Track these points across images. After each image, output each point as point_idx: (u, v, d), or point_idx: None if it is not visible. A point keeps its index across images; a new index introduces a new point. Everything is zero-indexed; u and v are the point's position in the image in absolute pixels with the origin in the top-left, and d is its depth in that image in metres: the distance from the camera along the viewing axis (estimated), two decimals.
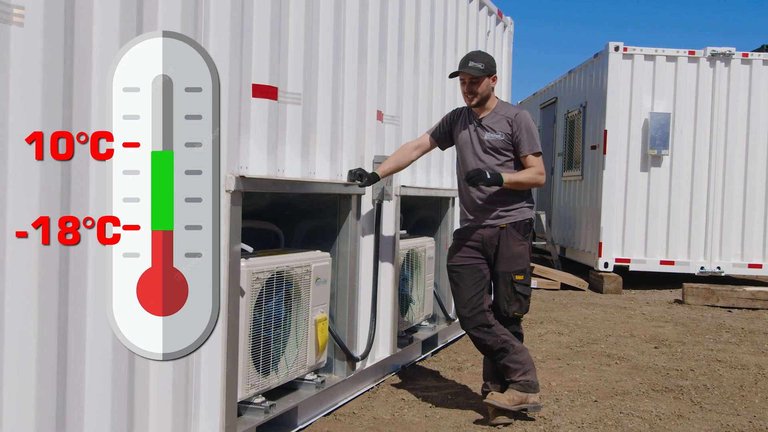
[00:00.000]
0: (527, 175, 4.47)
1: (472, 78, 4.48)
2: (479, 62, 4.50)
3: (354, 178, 4.55)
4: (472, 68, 4.47)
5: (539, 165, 4.51)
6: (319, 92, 4.35)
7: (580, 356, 6.40)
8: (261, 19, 3.74)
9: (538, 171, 4.49)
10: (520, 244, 4.51)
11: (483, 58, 4.57)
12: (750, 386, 5.50)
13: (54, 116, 2.59)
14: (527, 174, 4.47)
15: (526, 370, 4.45)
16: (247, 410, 3.80)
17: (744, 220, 10.78)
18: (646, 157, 10.78)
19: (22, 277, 2.52)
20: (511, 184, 4.42)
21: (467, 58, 4.56)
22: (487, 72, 4.50)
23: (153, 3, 3.08)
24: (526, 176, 4.47)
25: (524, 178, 4.46)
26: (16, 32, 2.47)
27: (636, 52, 10.76)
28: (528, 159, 4.49)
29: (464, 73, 4.50)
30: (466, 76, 4.50)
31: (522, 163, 4.51)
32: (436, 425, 4.41)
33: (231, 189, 3.41)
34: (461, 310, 4.52)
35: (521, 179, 4.45)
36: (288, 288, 4.03)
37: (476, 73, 4.45)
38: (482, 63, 4.50)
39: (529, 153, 4.48)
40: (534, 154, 4.49)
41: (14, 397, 2.50)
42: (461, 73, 4.52)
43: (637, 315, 8.79)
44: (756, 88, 10.73)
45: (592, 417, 4.63)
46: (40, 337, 2.54)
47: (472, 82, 4.49)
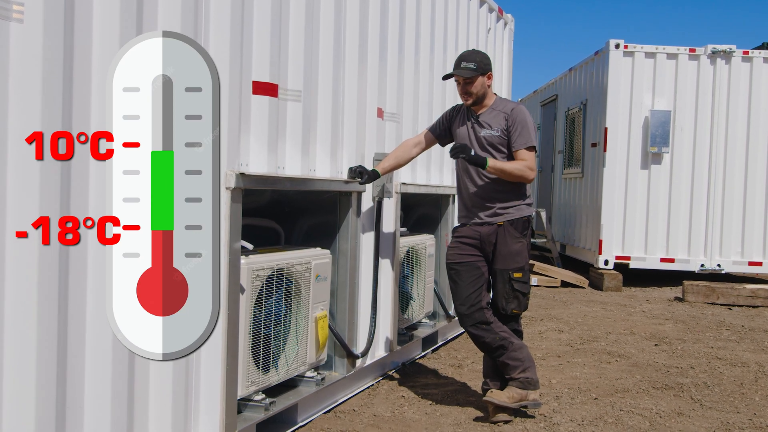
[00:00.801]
0: (514, 166, 4.41)
1: (466, 79, 4.47)
2: (471, 62, 4.47)
3: (354, 176, 4.54)
4: (464, 69, 4.46)
5: (530, 160, 4.46)
6: (319, 89, 4.34)
7: (581, 354, 6.40)
8: (261, 16, 3.73)
9: (528, 165, 4.43)
10: (518, 242, 4.50)
11: (476, 57, 4.53)
12: (750, 384, 5.51)
13: (54, 116, 2.58)
14: (515, 165, 4.42)
15: (525, 367, 4.46)
16: (247, 407, 3.80)
17: (744, 217, 10.77)
18: (646, 155, 10.77)
19: (22, 276, 2.52)
20: (495, 170, 4.38)
21: (460, 58, 4.54)
22: (480, 71, 4.48)
23: (153, 0, 3.07)
24: (512, 166, 4.41)
25: (510, 168, 4.40)
26: (15, 29, 2.46)
27: (636, 49, 10.74)
28: (519, 153, 4.45)
29: (458, 75, 4.49)
30: (460, 77, 4.50)
31: (514, 157, 4.49)
32: (437, 422, 4.42)
33: (231, 186, 3.40)
34: (460, 308, 4.52)
35: (506, 168, 4.39)
36: (288, 285, 4.03)
37: (468, 74, 4.44)
38: (474, 63, 4.47)
39: (521, 147, 4.45)
40: (526, 148, 4.45)
41: (14, 396, 2.50)
42: (455, 75, 4.51)
43: (637, 312, 8.79)
44: (756, 85, 10.72)
45: (593, 414, 4.64)
46: (40, 337, 2.54)
47: (466, 83, 4.48)
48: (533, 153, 4.49)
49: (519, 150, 4.45)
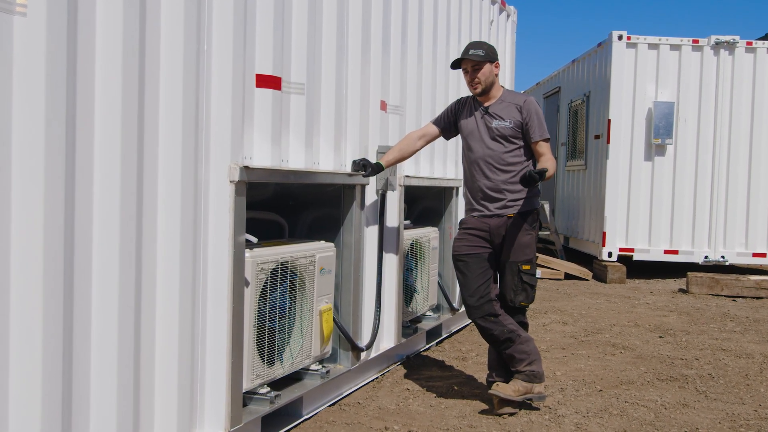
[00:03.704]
0: (552, 164, 4.41)
1: (474, 66, 4.47)
2: (479, 49, 4.50)
3: (358, 168, 4.53)
4: (473, 55, 4.46)
5: (550, 151, 4.50)
6: (322, 82, 4.33)
7: (585, 346, 6.40)
8: (264, 9, 3.72)
9: (552, 160, 4.46)
10: (527, 234, 4.50)
11: (483, 45, 4.57)
12: (755, 375, 5.50)
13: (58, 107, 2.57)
14: (551, 163, 4.41)
15: (531, 360, 4.45)
16: (252, 400, 3.81)
17: (748, 209, 10.75)
18: (649, 147, 10.74)
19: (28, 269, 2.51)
20: (550, 175, 4.35)
21: (468, 47, 4.56)
22: (489, 58, 4.49)
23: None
24: (552, 166, 4.39)
25: (552, 169, 4.36)
26: (19, 23, 2.46)
27: (639, 41, 10.71)
28: (539, 145, 4.48)
29: (466, 61, 4.49)
30: (468, 64, 4.49)
31: (532, 149, 4.50)
32: (441, 415, 4.42)
33: (235, 179, 3.40)
34: (468, 299, 4.51)
35: (551, 171, 4.35)
36: (292, 278, 4.02)
37: (477, 59, 4.45)
38: (482, 50, 4.49)
39: (540, 139, 4.48)
40: (544, 140, 4.49)
41: (21, 389, 2.50)
42: (463, 62, 4.51)
43: (641, 304, 8.78)
44: (760, 76, 10.69)
45: (597, 406, 4.63)
46: (45, 330, 2.53)
47: (474, 69, 4.48)
48: (549, 144, 4.52)
49: (538, 142, 4.47)
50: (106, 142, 2.79)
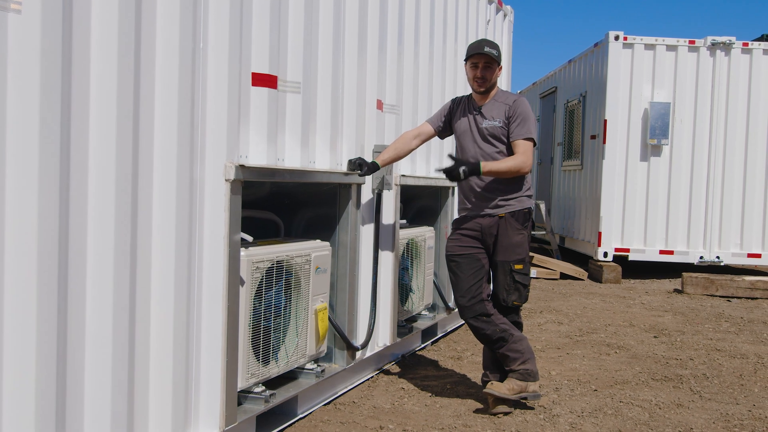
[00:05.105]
0: (507, 165, 4.39)
1: (487, 61, 4.46)
2: (494, 49, 4.50)
3: (354, 168, 4.53)
4: (488, 52, 4.46)
5: (526, 151, 4.43)
6: (318, 81, 4.33)
7: (580, 345, 6.41)
8: (260, 7, 3.71)
9: (522, 159, 4.40)
10: (519, 234, 4.50)
11: (496, 46, 4.57)
12: (749, 375, 5.51)
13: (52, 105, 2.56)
14: (508, 163, 4.39)
15: (525, 359, 4.46)
16: (247, 399, 3.80)
17: (743, 209, 10.78)
18: (645, 147, 10.76)
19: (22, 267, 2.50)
20: (491, 173, 4.37)
21: (481, 43, 4.52)
22: (499, 60, 4.52)
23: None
24: (505, 166, 4.39)
25: (504, 167, 4.38)
26: (13, 20, 2.45)
27: (636, 41, 10.72)
28: (516, 144, 4.45)
29: (479, 56, 4.47)
30: (481, 60, 4.48)
31: (511, 147, 4.48)
32: (436, 414, 4.42)
33: (231, 178, 3.39)
34: (460, 300, 4.52)
35: (501, 168, 4.37)
36: (288, 277, 4.02)
37: (492, 56, 4.46)
38: (496, 50, 4.51)
39: (519, 138, 4.44)
40: (524, 139, 4.44)
41: (14, 387, 2.49)
42: (476, 56, 4.49)
43: (636, 304, 8.80)
44: (756, 77, 10.71)
45: (592, 406, 4.64)
46: (39, 327, 2.52)
47: (486, 66, 4.48)
48: (530, 144, 4.46)
49: (516, 140, 4.45)
50: (101, 140, 2.78)
